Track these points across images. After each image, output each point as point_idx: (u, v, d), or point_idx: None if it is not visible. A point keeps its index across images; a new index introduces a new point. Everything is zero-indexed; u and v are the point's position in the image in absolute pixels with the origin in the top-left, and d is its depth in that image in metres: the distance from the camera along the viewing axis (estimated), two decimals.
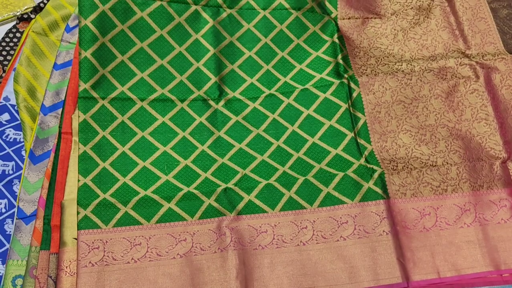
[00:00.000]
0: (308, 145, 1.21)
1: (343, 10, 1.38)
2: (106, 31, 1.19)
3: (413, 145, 1.20)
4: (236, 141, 1.20)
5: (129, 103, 1.18)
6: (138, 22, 1.23)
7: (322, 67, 1.32)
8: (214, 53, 1.27)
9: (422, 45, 1.32)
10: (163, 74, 1.23)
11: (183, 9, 1.27)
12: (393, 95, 1.25)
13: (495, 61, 1.24)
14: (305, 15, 1.36)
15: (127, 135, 1.15)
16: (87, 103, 1.14)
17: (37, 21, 1.40)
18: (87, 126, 1.13)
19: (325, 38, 1.36)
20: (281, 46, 1.33)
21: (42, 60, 1.35)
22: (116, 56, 1.20)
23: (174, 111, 1.20)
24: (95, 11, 1.17)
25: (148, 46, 1.23)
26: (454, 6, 1.34)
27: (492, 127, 1.19)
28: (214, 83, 1.25)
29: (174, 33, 1.26)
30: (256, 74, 1.29)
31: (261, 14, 1.34)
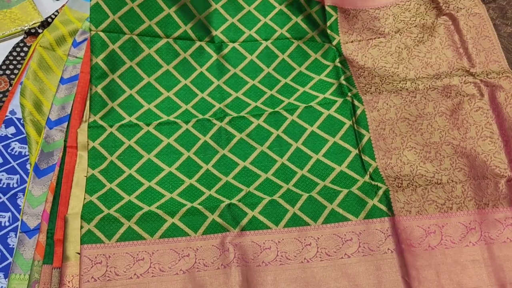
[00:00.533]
0: (312, 162, 1.21)
1: (345, 35, 1.40)
2: (115, 67, 1.24)
3: (418, 162, 1.19)
4: (240, 159, 1.20)
5: (135, 128, 1.21)
6: (145, 59, 1.28)
7: (325, 88, 1.34)
8: (218, 84, 1.31)
9: (427, 63, 1.33)
10: (169, 104, 1.27)
11: (188, 45, 1.32)
12: (397, 112, 1.25)
13: (500, 79, 1.24)
14: (306, 44, 1.41)
15: (134, 158, 1.17)
16: (96, 131, 1.18)
17: (44, 35, 1.42)
18: (96, 152, 1.15)
19: (327, 63, 1.39)
20: (283, 74, 1.37)
21: (49, 74, 1.36)
22: (125, 90, 1.24)
23: (179, 132, 1.23)
24: (106, 50, 1.23)
25: (155, 80, 1.28)
26: (458, 25, 1.34)
27: (497, 145, 1.19)
28: (218, 109, 1.28)
29: (179, 68, 1.31)
30: (260, 98, 1.32)
31: (263, 45, 1.38)
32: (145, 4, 1.28)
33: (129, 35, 1.27)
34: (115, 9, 1.25)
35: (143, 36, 1.29)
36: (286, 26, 1.41)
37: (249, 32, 1.38)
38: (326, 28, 1.43)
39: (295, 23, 1.42)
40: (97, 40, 1.24)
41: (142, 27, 1.28)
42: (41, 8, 1.59)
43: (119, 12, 1.26)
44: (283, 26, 1.41)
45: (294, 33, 1.41)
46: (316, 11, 1.43)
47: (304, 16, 1.42)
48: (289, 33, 1.40)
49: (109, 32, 1.25)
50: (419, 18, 1.41)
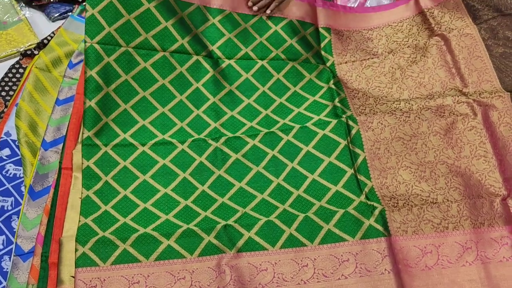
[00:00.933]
0: (308, 182, 1.21)
1: (339, 56, 1.42)
2: (110, 81, 1.21)
3: (413, 181, 1.20)
4: (236, 180, 1.20)
5: (130, 148, 1.20)
6: (141, 72, 1.26)
7: (320, 110, 1.35)
8: (213, 101, 1.30)
9: (420, 83, 1.34)
10: (164, 121, 1.26)
11: (184, 59, 1.31)
12: (392, 132, 1.26)
13: (492, 99, 1.25)
14: (301, 65, 1.42)
15: (129, 179, 1.16)
16: (90, 150, 1.16)
17: (40, 57, 1.43)
18: (90, 172, 1.14)
19: (321, 84, 1.40)
20: (278, 93, 1.37)
21: (45, 95, 1.36)
22: (120, 105, 1.22)
23: (174, 153, 1.22)
24: (101, 63, 1.20)
25: (150, 95, 1.26)
26: (450, 45, 1.36)
27: (491, 164, 1.19)
28: (213, 128, 1.27)
29: (175, 82, 1.29)
30: (255, 118, 1.32)
31: (258, 64, 1.38)
32: (142, 17, 1.26)
33: (125, 48, 1.24)
34: (111, 21, 1.22)
35: (139, 49, 1.26)
36: (281, 47, 1.42)
37: (245, 49, 1.39)
38: (320, 50, 1.44)
39: (290, 44, 1.43)
40: (92, 52, 1.20)
41: (138, 39, 1.26)
42: (37, 30, 1.60)
43: (115, 24, 1.23)
44: (278, 47, 1.42)
45: (289, 55, 1.42)
46: (310, 33, 1.45)
47: (298, 38, 1.44)
48: (284, 54, 1.42)
49: (105, 44, 1.22)
50: (412, 39, 1.43)
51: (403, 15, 1.48)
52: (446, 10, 1.42)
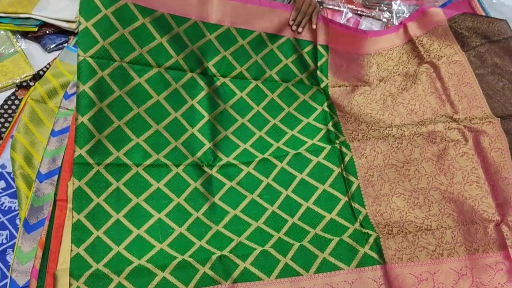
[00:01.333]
0: (303, 210, 1.22)
1: (333, 78, 1.43)
2: (104, 96, 1.17)
3: (407, 208, 1.20)
4: (231, 207, 1.20)
5: (124, 168, 1.17)
6: (135, 88, 1.22)
7: (314, 133, 1.35)
8: (208, 119, 1.29)
9: (411, 110, 1.36)
10: (158, 139, 1.23)
11: (179, 76, 1.29)
12: (385, 159, 1.28)
13: (483, 125, 1.27)
14: (295, 86, 1.42)
15: (122, 202, 1.13)
16: (82, 169, 1.12)
17: (36, 88, 1.44)
18: (82, 193, 1.10)
19: (315, 106, 1.40)
20: (272, 114, 1.37)
21: (40, 127, 1.37)
22: (113, 121, 1.18)
23: (169, 176, 1.20)
24: (94, 77, 1.16)
25: (144, 111, 1.23)
26: (440, 72, 1.39)
27: (483, 190, 1.20)
28: (208, 149, 1.27)
29: (170, 99, 1.26)
30: (249, 140, 1.32)
31: (253, 84, 1.38)
32: (136, 32, 1.23)
33: (119, 63, 1.20)
34: (106, 34, 1.17)
35: (133, 64, 1.22)
36: (276, 68, 1.41)
37: (240, 68, 1.37)
38: (316, 69, 1.44)
39: (285, 65, 1.42)
40: (85, 66, 1.14)
41: (133, 54, 1.22)
42: (33, 61, 1.62)
43: (110, 38, 1.19)
44: (273, 67, 1.41)
45: (283, 76, 1.41)
46: (308, 51, 1.44)
47: (294, 57, 1.43)
48: (278, 75, 1.41)
49: (98, 58, 1.16)
50: (402, 66, 1.46)
51: (393, 43, 1.51)
52: (435, 38, 1.45)
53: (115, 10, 1.18)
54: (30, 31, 1.68)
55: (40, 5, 1.69)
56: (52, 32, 1.69)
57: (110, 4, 1.17)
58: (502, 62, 1.35)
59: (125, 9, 1.19)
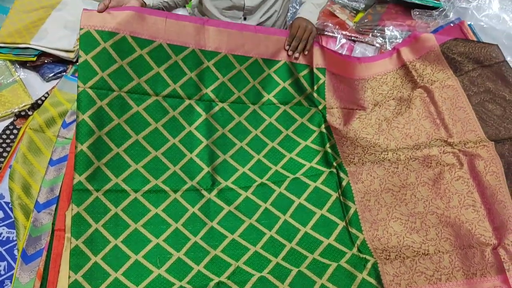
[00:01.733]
0: (301, 235, 1.22)
1: (330, 101, 1.44)
2: (103, 125, 1.19)
3: (404, 233, 1.21)
4: (228, 232, 1.20)
5: (122, 194, 1.17)
6: (134, 116, 1.25)
7: (311, 156, 1.36)
8: (206, 144, 1.30)
9: (406, 134, 1.38)
10: (157, 165, 1.24)
11: (177, 103, 1.31)
12: (381, 184, 1.29)
13: (477, 148, 1.29)
14: (293, 109, 1.43)
15: (120, 228, 1.14)
16: (81, 195, 1.13)
17: (34, 118, 1.45)
18: (80, 219, 1.10)
19: (313, 128, 1.41)
20: (270, 137, 1.38)
21: (38, 156, 1.38)
22: (112, 148, 1.20)
23: (167, 202, 1.21)
24: (93, 107, 1.18)
25: (143, 138, 1.24)
26: (433, 97, 1.41)
27: (480, 214, 1.21)
28: (206, 173, 1.27)
29: (168, 126, 1.28)
30: (248, 163, 1.33)
31: (251, 108, 1.39)
32: (134, 62, 1.25)
33: (118, 92, 1.23)
34: (104, 66, 1.21)
35: (131, 94, 1.25)
36: (274, 91, 1.42)
37: (238, 93, 1.38)
38: (313, 92, 1.44)
39: (283, 87, 1.43)
40: (85, 97, 1.17)
41: (131, 84, 1.25)
42: (32, 90, 1.64)
43: (108, 70, 1.22)
44: (271, 91, 1.42)
45: (281, 98, 1.42)
46: (304, 75, 1.45)
47: (291, 80, 1.44)
48: (276, 98, 1.42)
49: (97, 89, 1.19)
50: (396, 91, 1.48)
51: (387, 68, 1.53)
52: (428, 63, 1.47)
53: (114, 43, 1.21)
54: (29, 61, 1.70)
55: (39, 35, 1.71)
56: (51, 61, 1.72)
57: (108, 38, 1.20)
58: (495, 87, 1.37)
59: (123, 42, 1.22)
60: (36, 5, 1.82)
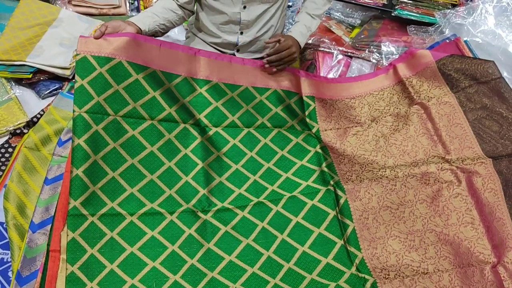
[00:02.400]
0: (298, 254, 1.21)
1: (323, 123, 1.46)
2: (98, 149, 1.20)
3: (403, 251, 1.20)
4: (225, 253, 1.19)
5: (118, 218, 1.16)
6: (129, 140, 1.25)
7: (308, 175, 1.36)
8: (202, 167, 1.30)
9: (404, 151, 1.37)
10: (153, 188, 1.24)
11: (172, 127, 1.32)
12: (379, 201, 1.28)
13: (475, 165, 1.28)
14: (287, 131, 1.45)
15: (116, 252, 1.12)
16: (76, 220, 1.12)
17: (29, 136, 1.44)
18: (75, 244, 1.09)
19: (308, 148, 1.43)
20: (266, 158, 1.39)
21: (33, 175, 1.36)
22: (107, 173, 1.19)
23: (163, 224, 1.20)
24: (89, 131, 1.18)
25: (138, 162, 1.24)
26: (430, 113, 1.41)
27: (479, 231, 1.20)
28: (202, 195, 1.26)
29: (164, 149, 1.29)
30: (244, 185, 1.32)
31: (245, 131, 1.41)
32: (130, 87, 1.26)
33: (113, 117, 1.23)
34: (100, 91, 1.22)
35: (127, 118, 1.26)
36: (267, 116, 1.45)
37: (232, 117, 1.40)
38: (305, 117, 1.47)
39: (275, 113, 1.46)
40: (80, 121, 1.18)
41: (127, 108, 1.26)
42: (27, 108, 1.63)
43: (104, 94, 1.22)
44: (264, 115, 1.44)
45: (275, 122, 1.45)
46: (295, 101, 1.49)
47: (283, 106, 1.47)
48: (269, 122, 1.44)
49: (93, 114, 1.20)
50: (393, 107, 1.48)
51: (384, 84, 1.54)
52: (424, 79, 1.47)
53: (110, 68, 1.22)
54: (24, 78, 1.69)
55: (34, 52, 1.71)
56: (46, 78, 1.71)
57: (105, 63, 1.22)
58: (491, 103, 1.37)
59: (119, 67, 1.24)
60: (31, 22, 1.82)
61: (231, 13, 1.48)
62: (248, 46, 1.58)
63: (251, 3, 1.46)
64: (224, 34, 1.54)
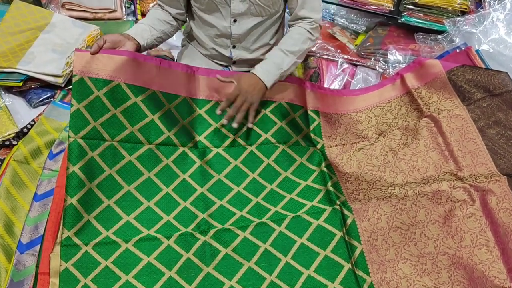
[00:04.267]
0: (303, 279, 1.14)
1: (329, 139, 1.40)
2: (93, 176, 1.16)
3: (414, 276, 1.13)
4: (226, 278, 1.13)
5: (113, 246, 1.12)
6: (126, 166, 1.21)
7: (313, 195, 1.29)
8: (201, 192, 1.25)
9: (413, 167, 1.30)
10: (150, 215, 1.19)
11: (170, 151, 1.27)
12: (388, 221, 1.21)
13: (489, 183, 1.22)
14: (291, 148, 1.38)
15: (110, 281, 1.07)
16: (69, 251, 1.08)
17: (19, 148, 1.37)
18: (68, 275, 1.05)
19: (313, 168, 1.36)
20: (269, 179, 1.32)
21: (22, 190, 1.29)
22: (103, 201, 1.16)
23: (160, 249, 1.14)
24: (84, 158, 1.16)
25: (135, 189, 1.20)
26: (441, 127, 1.34)
27: (494, 254, 1.14)
28: (202, 219, 1.21)
29: (161, 175, 1.24)
30: (246, 207, 1.26)
31: (247, 150, 1.34)
32: (128, 111, 1.23)
33: (110, 142, 1.20)
34: (97, 116, 1.19)
35: (124, 143, 1.22)
36: (271, 130, 1.38)
37: (233, 136, 1.34)
38: (309, 132, 1.41)
39: (280, 127, 1.39)
40: (75, 147, 1.16)
41: (124, 133, 1.22)
42: (17, 117, 1.56)
43: (101, 119, 1.19)
44: (268, 131, 1.38)
45: (279, 137, 1.38)
46: (300, 115, 1.42)
47: (287, 121, 1.41)
48: (273, 137, 1.37)
49: (89, 139, 1.18)
50: (401, 120, 1.41)
51: (391, 95, 1.47)
52: (434, 90, 1.41)
53: (108, 91, 1.20)
54: (15, 86, 1.63)
55: (25, 58, 1.65)
56: (38, 86, 1.65)
57: (103, 86, 1.20)
58: (505, 117, 1.31)
59: (117, 90, 1.21)
60: (23, 27, 1.75)
61: (221, 27, 1.43)
62: (245, 61, 1.53)
63: (242, 17, 1.40)
64: (217, 47, 1.51)
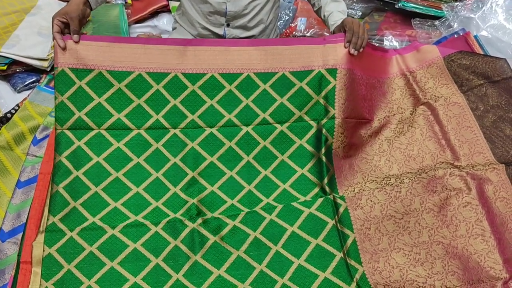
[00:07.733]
0: (294, 268, 1.11)
1: (341, 109, 1.29)
2: (80, 164, 1.16)
3: (408, 265, 1.11)
4: (214, 267, 1.10)
5: (99, 232, 1.10)
6: (113, 153, 1.19)
7: (307, 189, 1.24)
8: (192, 176, 1.20)
9: (409, 156, 1.27)
10: (138, 201, 1.16)
11: (160, 134, 1.22)
12: (382, 210, 1.18)
13: (486, 172, 1.19)
14: (291, 128, 1.28)
15: (94, 267, 1.05)
16: (53, 236, 1.07)
17: (2, 134, 1.34)
18: (51, 260, 1.04)
19: (311, 150, 1.28)
20: (264, 163, 1.26)
21: (5, 177, 1.26)
22: (90, 188, 1.15)
23: (147, 236, 1.11)
24: (71, 147, 1.15)
25: (123, 175, 1.18)
26: (438, 115, 1.30)
27: (489, 244, 1.11)
28: (192, 204, 1.17)
29: (151, 160, 1.21)
30: (237, 195, 1.21)
31: (243, 131, 1.26)
32: (113, 98, 1.19)
33: (97, 130, 1.18)
34: (81, 105, 1.17)
35: (111, 130, 1.19)
36: (269, 109, 1.27)
37: (228, 115, 1.25)
38: (319, 100, 1.28)
39: (280, 104, 1.28)
40: (62, 138, 1.15)
41: (110, 121, 1.19)
42: (1, 102, 1.52)
43: (86, 108, 1.17)
44: (266, 109, 1.27)
45: (278, 116, 1.27)
46: (309, 81, 1.28)
47: (292, 93, 1.28)
48: (271, 117, 1.27)
49: (75, 130, 1.17)
50: (396, 106, 1.36)
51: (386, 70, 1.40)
52: (430, 76, 1.37)
53: (90, 80, 1.18)
54: None
55: (10, 41, 1.61)
56: (23, 70, 1.61)
57: (84, 76, 1.18)
58: (503, 104, 1.27)
59: (99, 78, 1.19)
60: (8, 9, 1.70)
61: (215, 3, 1.40)
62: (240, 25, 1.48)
63: None
64: (210, 26, 1.46)
